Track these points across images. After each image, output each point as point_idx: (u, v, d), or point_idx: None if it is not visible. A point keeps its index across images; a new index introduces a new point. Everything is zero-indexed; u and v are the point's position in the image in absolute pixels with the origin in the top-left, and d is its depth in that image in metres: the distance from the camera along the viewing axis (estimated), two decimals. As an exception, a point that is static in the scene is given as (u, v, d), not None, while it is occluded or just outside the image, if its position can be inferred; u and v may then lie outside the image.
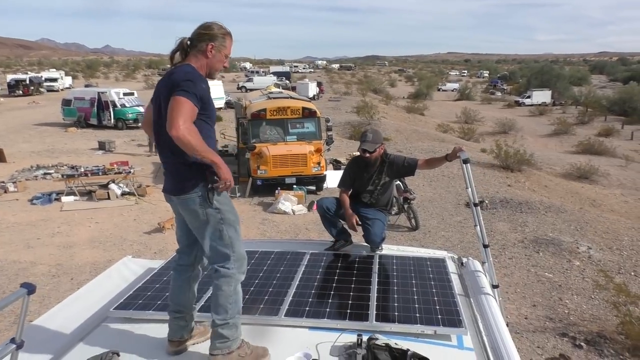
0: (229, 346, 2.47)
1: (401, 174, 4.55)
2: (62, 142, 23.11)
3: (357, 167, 4.49)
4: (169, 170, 2.59)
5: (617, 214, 14.20)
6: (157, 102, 2.52)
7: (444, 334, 2.72)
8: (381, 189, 4.42)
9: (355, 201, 4.44)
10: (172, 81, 2.40)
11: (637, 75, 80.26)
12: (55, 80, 57.68)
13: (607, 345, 6.53)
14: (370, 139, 4.22)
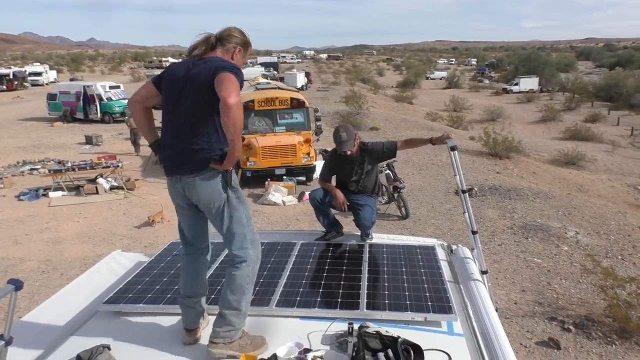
0: (231, 335, 2.48)
1: (382, 159, 4.50)
2: (49, 137, 22.87)
3: (337, 160, 4.46)
4: (183, 152, 2.49)
5: (604, 199, 14.36)
6: (177, 90, 2.51)
7: (434, 321, 2.74)
8: (366, 176, 4.42)
9: (343, 190, 4.44)
10: (210, 67, 2.43)
11: (623, 61, 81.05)
12: (39, 75, 56.93)
13: (595, 328, 6.62)
14: (345, 137, 4.20)
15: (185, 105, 2.47)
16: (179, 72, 2.55)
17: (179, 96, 2.50)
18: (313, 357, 2.27)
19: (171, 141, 2.56)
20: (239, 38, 2.66)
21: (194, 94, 2.45)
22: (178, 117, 2.50)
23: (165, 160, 2.59)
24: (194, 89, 2.45)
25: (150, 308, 2.93)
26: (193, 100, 2.45)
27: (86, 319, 2.91)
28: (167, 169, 2.59)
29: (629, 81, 46.46)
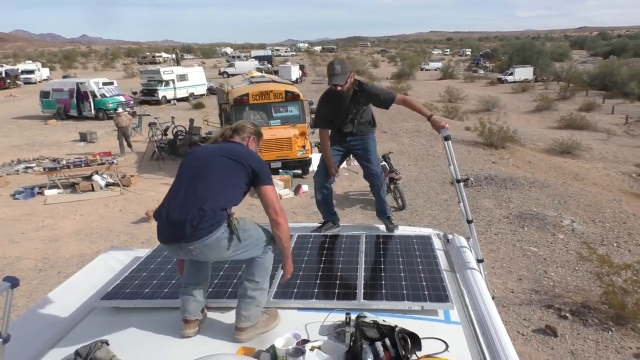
0: (257, 315, 2.63)
1: (375, 104, 4.31)
2: (42, 134, 22.76)
3: (330, 102, 4.31)
4: (188, 220, 2.43)
5: (599, 187, 14.41)
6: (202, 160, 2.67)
7: (431, 309, 2.76)
8: (362, 114, 4.29)
9: (339, 133, 4.33)
10: (245, 152, 2.70)
11: (617, 49, 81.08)
12: (32, 72, 56.58)
13: (592, 315, 6.67)
14: (339, 71, 4.05)
15: (206, 172, 2.59)
16: (203, 152, 2.75)
17: (200, 166, 2.63)
18: (311, 347, 2.28)
19: (181, 204, 2.51)
20: (251, 129, 2.91)
21: (233, 162, 2.62)
22: (194, 183, 2.57)
23: (171, 227, 2.50)
24: (236, 158, 2.63)
25: (148, 303, 2.94)
26: (229, 167, 2.61)
27: (84, 315, 2.91)
28: (170, 236, 2.52)
29: (623, 69, 46.45)
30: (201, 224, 2.41)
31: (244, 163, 2.61)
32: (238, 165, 2.60)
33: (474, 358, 2.32)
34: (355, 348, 2.18)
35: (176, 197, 2.54)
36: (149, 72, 36.11)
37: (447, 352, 2.34)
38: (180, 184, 2.60)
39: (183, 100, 33.75)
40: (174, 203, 2.52)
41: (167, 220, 2.50)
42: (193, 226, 2.41)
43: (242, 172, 2.60)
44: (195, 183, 2.55)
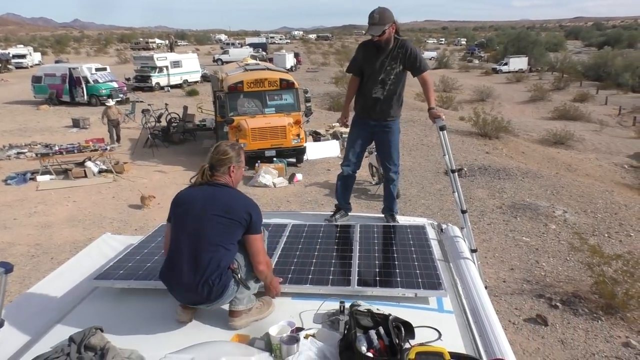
0: (251, 300, 2.66)
1: (409, 66, 4.07)
2: (35, 120, 22.57)
3: (366, 51, 4.09)
4: (199, 291, 2.53)
5: (591, 178, 14.51)
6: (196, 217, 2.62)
7: (424, 297, 2.78)
8: (394, 79, 4.06)
9: (365, 105, 4.18)
10: (238, 205, 2.64)
11: (612, 40, 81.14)
12: (23, 57, 55.93)
13: (582, 304, 6.75)
14: (377, 20, 3.81)
15: (209, 236, 2.57)
16: (197, 201, 2.67)
17: (200, 226, 2.60)
18: (305, 335, 2.29)
19: (189, 281, 2.54)
20: (229, 156, 2.77)
21: (228, 219, 2.59)
22: (198, 252, 2.56)
23: (184, 297, 2.62)
24: (230, 214, 2.60)
25: (142, 284, 2.94)
26: (223, 225, 2.59)
27: (78, 301, 2.91)
28: (183, 300, 2.63)
29: (617, 60, 46.57)
30: (212, 293, 2.53)
31: (241, 219, 2.61)
32: (235, 223, 2.61)
33: (467, 346, 2.34)
34: (349, 336, 2.20)
35: (181, 266, 2.57)
36: (142, 58, 35.84)
37: (440, 341, 2.35)
38: (182, 249, 2.60)
39: (177, 87, 33.57)
40: (180, 271, 2.56)
41: (178, 290, 2.61)
42: (207, 294, 2.53)
43: (240, 229, 2.63)
44: (199, 248, 2.56)
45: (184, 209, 2.69)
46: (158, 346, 2.31)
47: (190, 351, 2.16)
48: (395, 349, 2.06)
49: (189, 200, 2.72)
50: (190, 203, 2.69)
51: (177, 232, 2.67)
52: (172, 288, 2.63)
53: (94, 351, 2.27)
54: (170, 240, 2.71)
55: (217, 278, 2.52)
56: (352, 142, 4.35)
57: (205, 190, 2.71)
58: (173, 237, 2.69)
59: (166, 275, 2.64)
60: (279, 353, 2.22)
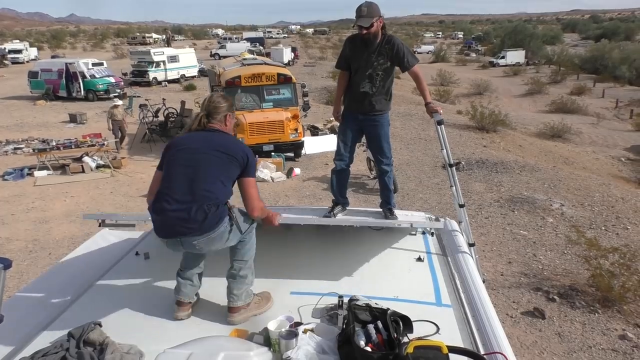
0: (248, 294, 2.68)
1: (397, 61, 4.06)
2: (31, 115, 22.50)
3: (353, 45, 4.09)
4: (192, 217, 2.50)
5: (588, 171, 14.54)
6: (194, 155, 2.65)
7: (420, 227, 2.83)
8: (383, 75, 4.05)
9: (354, 98, 4.17)
10: (236, 147, 2.70)
11: (609, 32, 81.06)
12: (19, 52, 55.72)
13: (579, 297, 6.78)
14: (365, 13, 3.81)
15: (209, 161, 2.61)
16: (192, 139, 2.72)
17: (197, 158, 2.63)
18: (304, 330, 2.30)
19: (183, 200, 2.54)
20: (224, 106, 2.83)
21: (225, 157, 2.63)
22: (195, 171, 2.59)
23: (172, 221, 2.54)
24: (227, 153, 2.64)
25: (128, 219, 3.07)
26: (221, 161, 2.63)
27: (76, 296, 2.91)
28: (173, 230, 2.57)
29: (614, 53, 46.56)
30: (207, 221, 2.50)
31: (238, 157, 2.65)
32: (233, 160, 2.64)
33: (465, 340, 2.36)
34: (347, 330, 2.21)
35: (175, 193, 2.55)
36: (139, 53, 35.73)
37: (438, 334, 2.37)
38: (177, 178, 2.60)
39: (174, 81, 33.45)
40: (174, 198, 2.54)
41: (168, 216, 2.54)
42: (198, 222, 2.49)
43: (237, 167, 2.66)
44: (195, 179, 2.57)
45: (179, 149, 2.70)
46: (157, 341, 2.31)
47: (189, 346, 2.16)
48: (394, 343, 2.07)
49: (184, 142, 2.73)
50: (186, 144, 2.71)
51: (171, 168, 2.65)
52: (163, 214, 2.55)
53: (93, 346, 2.27)
54: (162, 179, 2.67)
55: (214, 207, 2.53)
56: (343, 136, 4.34)
57: (201, 134, 2.75)
58: (165, 174, 2.66)
59: (156, 206, 2.60)
60: (277, 348, 2.22)
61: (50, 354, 2.22)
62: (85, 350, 2.23)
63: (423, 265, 3.16)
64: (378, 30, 3.91)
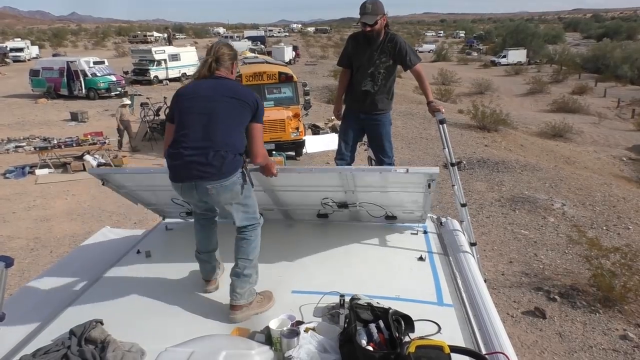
0: (251, 293, 2.71)
1: (399, 60, 4.08)
2: (33, 113, 22.51)
3: (355, 43, 4.08)
4: (209, 162, 2.59)
5: (590, 170, 14.52)
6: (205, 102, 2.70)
7: (415, 173, 2.92)
8: (385, 73, 4.05)
9: (355, 97, 4.16)
10: (245, 93, 2.76)
11: (611, 31, 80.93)
12: (21, 50, 55.67)
13: (580, 297, 6.77)
14: (370, 10, 3.82)
15: (222, 108, 2.67)
16: (201, 87, 2.77)
17: (210, 106, 2.68)
18: (305, 329, 2.30)
19: (200, 145, 2.61)
20: (230, 54, 2.88)
21: (237, 103, 2.69)
22: (210, 118, 2.65)
23: (190, 165, 2.61)
24: (239, 99, 2.70)
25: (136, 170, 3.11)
26: (234, 107, 2.69)
27: (78, 294, 2.92)
28: (189, 173, 2.63)
29: (616, 52, 46.47)
30: (223, 167, 2.60)
31: (250, 102, 2.72)
32: (245, 105, 2.71)
33: (466, 339, 2.35)
34: (349, 330, 2.21)
35: (191, 140, 2.62)
36: (140, 51, 35.70)
37: (439, 334, 2.36)
38: (192, 126, 2.65)
39: (175, 80, 33.43)
40: (190, 145, 2.61)
41: (185, 161, 2.62)
42: (215, 167, 2.58)
43: (248, 112, 2.72)
44: (211, 125, 2.64)
45: (190, 97, 2.75)
46: (158, 339, 2.31)
47: (190, 344, 2.16)
48: (395, 343, 2.07)
49: (194, 90, 2.78)
50: (196, 92, 2.76)
51: (184, 117, 2.70)
52: (180, 159, 2.63)
53: (95, 344, 2.28)
54: (176, 128, 2.72)
55: (231, 155, 2.62)
56: (344, 136, 4.34)
57: (209, 82, 2.79)
58: (179, 123, 2.71)
59: (171, 152, 2.68)
60: (279, 347, 2.22)
61: (51, 352, 2.23)
62: (87, 348, 2.23)
63: (425, 265, 3.15)
64: (382, 28, 3.92)
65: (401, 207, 3.54)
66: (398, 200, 3.45)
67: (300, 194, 3.51)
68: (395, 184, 3.19)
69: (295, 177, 3.25)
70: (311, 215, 3.86)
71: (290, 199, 3.60)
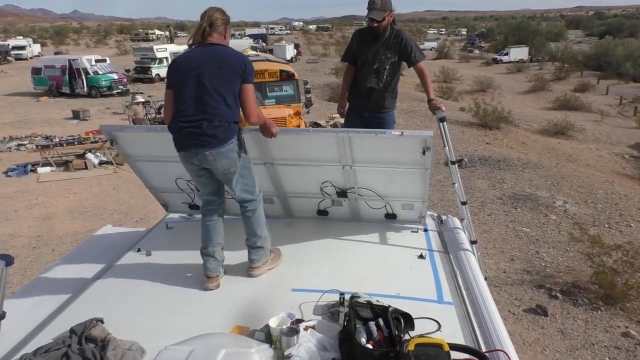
0: (266, 256, 3.12)
1: (405, 56, 4.08)
2: (35, 112, 22.53)
3: (361, 39, 4.05)
4: (201, 128, 2.80)
5: (592, 168, 14.49)
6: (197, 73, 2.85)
7: (410, 136, 3.01)
8: (390, 70, 4.02)
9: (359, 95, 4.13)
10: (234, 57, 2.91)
11: (613, 29, 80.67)
12: (23, 48, 55.77)
13: (582, 295, 6.76)
14: (379, 6, 3.80)
15: (213, 80, 2.82)
16: (194, 57, 2.90)
17: (200, 79, 2.83)
18: (305, 327, 2.30)
19: (195, 119, 2.82)
20: (223, 19, 3.01)
21: (226, 73, 2.85)
22: (202, 93, 2.82)
23: (189, 136, 2.85)
24: (227, 69, 2.85)
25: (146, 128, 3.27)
26: (223, 78, 2.84)
27: (79, 293, 2.92)
28: (189, 143, 2.87)
29: (618, 50, 46.31)
30: (218, 135, 2.81)
31: (237, 68, 2.87)
32: (233, 72, 2.86)
33: (466, 337, 2.35)
34: (349, 328, 2.21)
35: (187, 114, 2.84)
36: (142, 49, 35.71)
37: (439, 332, 2.37)
38: (186, 100, 2.84)
39: (177, 78, 33.40)
40: (187, 119, 2.83)
41: (184, 132, 2.85)
42: (210, 136, 2.80)
43: (237, 78, 2.87)
44: (202, 99, 2.82)
45: (183, 70, 2.89)
46: (158, 338, 2.32)
47: (190, 343, 2.16)
48: (395, 341, 2.07)
49: (186, 61, 2.92)
50: (188, 63, 2.90)
51: (180, 91, 2.88)
52: (180, 132, 2.87)
53: (95, 343, 2.28)
54: (174, 102, 2.90)
55: (225, 123, 2.83)
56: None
57: (200, 51, 2.94)
58: (176, 96, 2.89)
59: (173, 127, 2.91)
60: (278, 345, 2.22)
61: (52, 350, 2.23)
62: (87, 347, 2.24)
63: (425, 263, 3.15)
64: (388, 24, 3.92)
65: (400, 196, 3.54)
66: (396, 185, 3.45)
67: (299, 172, 3.53)
68: (392, 153, 3.22)
69: (293, 141, 3.31)
70: (311, 212, 3.86)
71: (290, 179, 3.61)
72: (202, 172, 3.01)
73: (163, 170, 3.68)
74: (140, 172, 3.79)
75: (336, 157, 3.29)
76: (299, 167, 3.48)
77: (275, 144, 3.26)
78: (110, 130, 3.42)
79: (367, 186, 3.48)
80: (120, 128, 3.51)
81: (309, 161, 3.41)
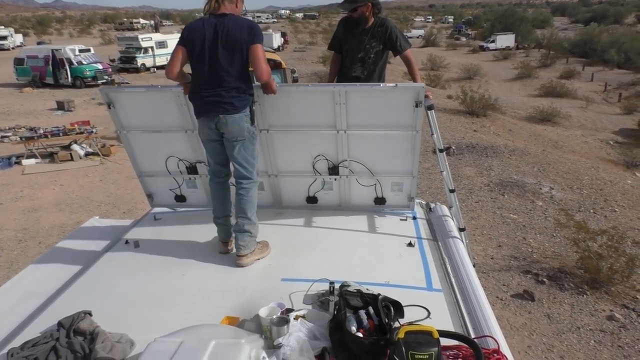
0: (253, 244, 3.14)
1: (389, 45, 4.06)
2: (18, 103, 22.19)
3: (346, 27, 4.07)
4: (220, 97, 3.01)
5: (577, 154, 14.63)
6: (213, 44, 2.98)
7: (404, 87, 3.09)
8: (374, 58, 4.03)
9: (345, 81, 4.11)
10: (242, 25, 3.00)
11: (598, 16, 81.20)
12: (4, 39, 54.85)
13: (568, 279, 6.86)
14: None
15: (225, 57, 2.97)
16: (208, 29, 3.00)
17: (215, 49, 2.97)
18: (295, 316, 2.30)
19: (214, 90, 3.01)
20: None
21: (234, 47, 2.97)
22: (218, 68, 2.98)
23: (209, 104, 3.05)
24: (234, 43, 2.96)
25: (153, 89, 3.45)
26: (233, 52, 2.97)
27: (66, 285, 2.89)
28: (209, 110, 3.06)
29: (603, 37, 46.72)
30: (235, 103, 3.02)
31: (243, 45, 2.97)
32: (240, 50, 2.98)
33: (455, 324, 2.37)
34: (339, 316, 2.21)
35: (205, 88, 3.04)
36: (127, 39, 35.25)
37: (429, 319, 2.38)
38: (204, 76, 3.03)
39: (163, 68, 32.94)
40: (206, 91, 3.03)
41: (205, 101, 3.06)
42: (227, 104, 3.01)
43: (246, 47, 2.98)
44: (217, 73, 3.00)
45: (200, 40, 3.01)
46: (147, 330, 2.30)
47: (180, 335, 2.15)
48: (385, 329, 2.07)
49: (200, 33, 3.02)
50: (202, 36, 3.00)
51: (196, 65, 3.06)
52: (201, 100, 3.07)
53: (84, 336, 2.26)
54: (192, 77, 3.12)
55: (241, 94, 3.04)
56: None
57: (212, 23, 3.02)
58: (194, 72, 3.10)
59: (193, 96, 3.12)
60: (269, 335, 2.22)
61: (40, 344, 2.21)
62: (76, 340, 2.21)
63: (414, 251, 3.17)
64: (365, 14, 3.91)
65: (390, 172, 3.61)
66: (388, 155, 3.53)
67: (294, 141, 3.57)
68: (385, 112, 3.31)
69: (292, 97, 3.38)
70: (301, 198, 3.85)
71: (284, 150, 3.63)
72: (216, 138, 3.16)
73: (155, 146, 3.70)
74: (130, 149, 3.79)
75: (331, 120, 3.34)
76: (293, 135, 3.52)
77: (274, 104, 3.34)
78: (109, 91, 3.47)
79: (358, 159, 3.50)
80: (119, 89, 3.53)
81: (304, 127, 3.48)
